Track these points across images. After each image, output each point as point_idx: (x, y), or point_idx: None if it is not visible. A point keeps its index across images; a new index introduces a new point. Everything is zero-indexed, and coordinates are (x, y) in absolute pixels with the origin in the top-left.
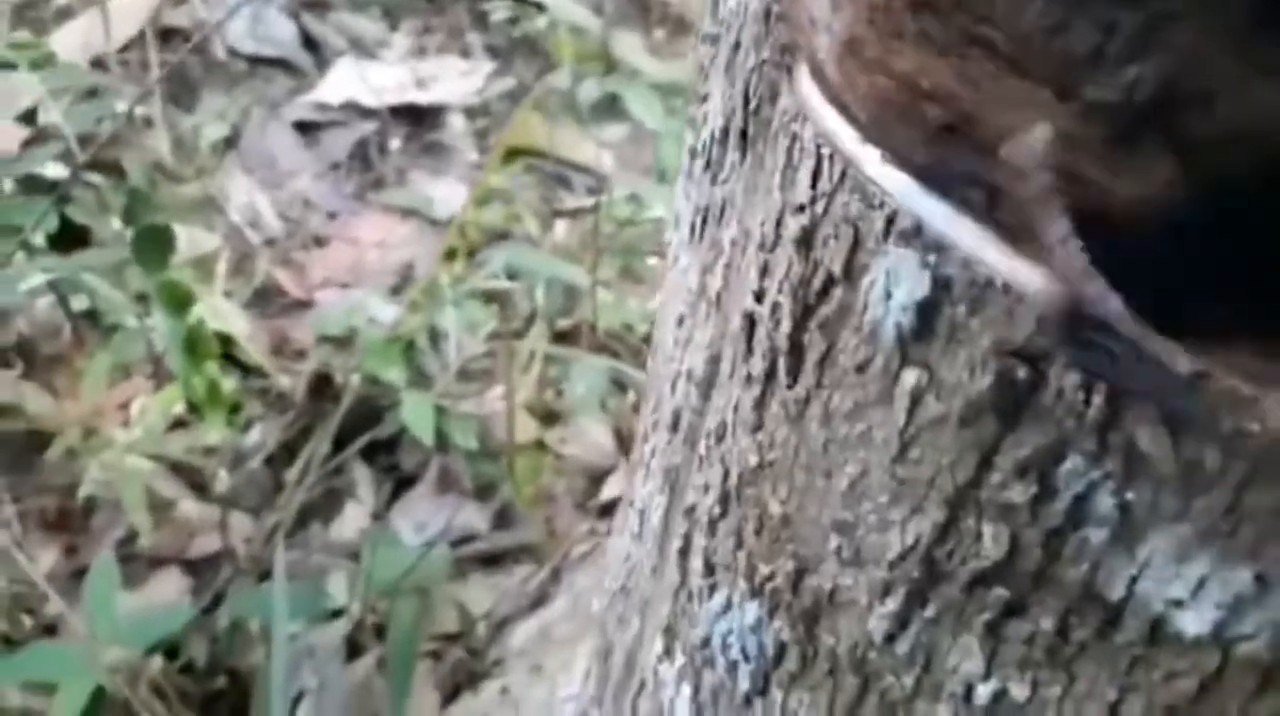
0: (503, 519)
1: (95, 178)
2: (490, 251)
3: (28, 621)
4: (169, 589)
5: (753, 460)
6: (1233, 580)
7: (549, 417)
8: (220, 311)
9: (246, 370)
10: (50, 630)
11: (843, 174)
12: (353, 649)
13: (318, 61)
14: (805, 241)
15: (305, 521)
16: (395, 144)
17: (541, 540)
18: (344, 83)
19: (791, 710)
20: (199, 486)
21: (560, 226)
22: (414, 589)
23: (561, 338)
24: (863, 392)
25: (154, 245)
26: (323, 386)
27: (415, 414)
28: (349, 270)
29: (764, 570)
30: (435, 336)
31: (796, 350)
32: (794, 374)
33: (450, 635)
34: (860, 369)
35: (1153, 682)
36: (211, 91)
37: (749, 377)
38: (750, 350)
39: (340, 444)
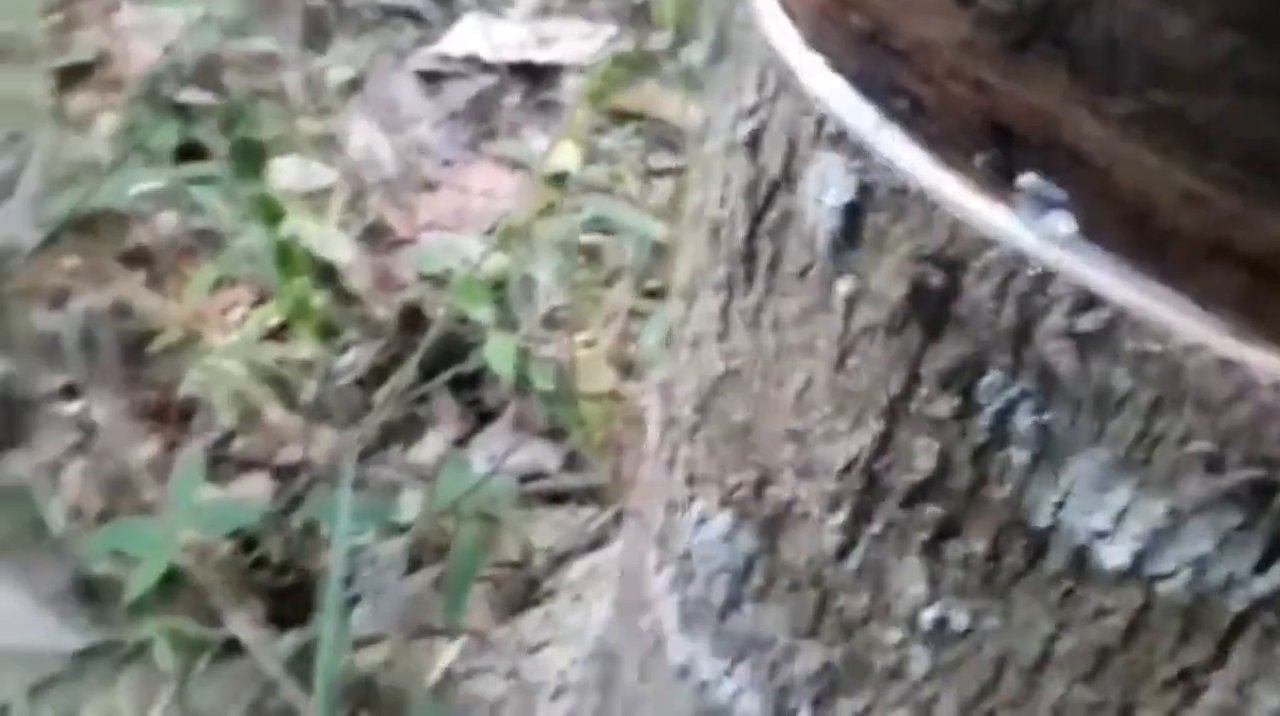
0: (573, 461)
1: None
2: (585, 204)
3: (127, 505)
4: (255, 490)
5: (720, 367)
6: (1150, 512)
7: (629, 369)
8: (329, 241)
9: (349, 298)
10: (146, 512)
11: (783, 78)
12: (415, 564)
13: (446, 15)
14: (754, 145)
15: (387, 442)
16: (512, 99)
17: (608, 484)
18: (468, 37)
19: (763, 624)
20: (292, 399)
21: (659, 186)
22: (479, 513)
23: (651, 295)
24: (806, 299)
25: (248, 157)
26: (415, 319)
27: (498, 352)
28: (454, 215)
29: (732, 479)
30: (527, 283)
31: (750, 256)
32: (749, 280)
33: (513, 563)
34: (802, 274)
35: (1084, 618)
36: (343, 36)
37: (715, 285)
38: (715, 257)
39: (429, 375)
